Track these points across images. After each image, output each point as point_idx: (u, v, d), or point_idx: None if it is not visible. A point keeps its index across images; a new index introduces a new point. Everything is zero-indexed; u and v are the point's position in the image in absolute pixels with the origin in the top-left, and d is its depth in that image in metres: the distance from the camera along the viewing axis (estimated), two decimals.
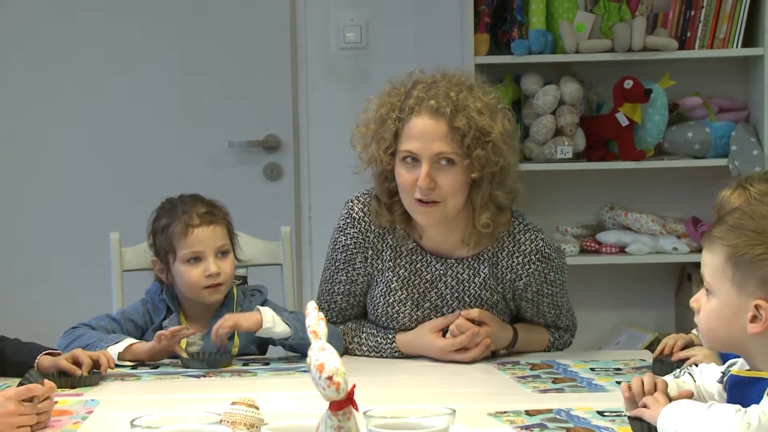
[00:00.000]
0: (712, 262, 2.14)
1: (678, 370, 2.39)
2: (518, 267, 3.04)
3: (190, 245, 3.07)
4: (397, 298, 3.10)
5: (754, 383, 2.14)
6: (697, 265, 4.36)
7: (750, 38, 4.43)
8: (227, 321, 2.98)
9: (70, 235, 4.66)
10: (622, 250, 4.52)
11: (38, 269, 4.71)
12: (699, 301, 2.19)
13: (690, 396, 2.23)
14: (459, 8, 4.46)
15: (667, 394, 2.20)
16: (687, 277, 4.57)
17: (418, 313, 3.10)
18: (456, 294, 3.07)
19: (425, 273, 3.09)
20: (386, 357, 3.09)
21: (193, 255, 3.07)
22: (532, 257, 3.04)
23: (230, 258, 3.13)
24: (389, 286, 3.10)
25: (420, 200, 2.94)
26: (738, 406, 2.04)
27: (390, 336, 3.09)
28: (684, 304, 4.62)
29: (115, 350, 2.97)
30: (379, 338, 3.11)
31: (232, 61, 4.68)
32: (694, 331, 2.74)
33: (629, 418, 2.25)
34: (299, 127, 4.72)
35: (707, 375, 2.33)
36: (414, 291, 3.09)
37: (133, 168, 4.69)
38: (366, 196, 3.12)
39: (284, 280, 3.56)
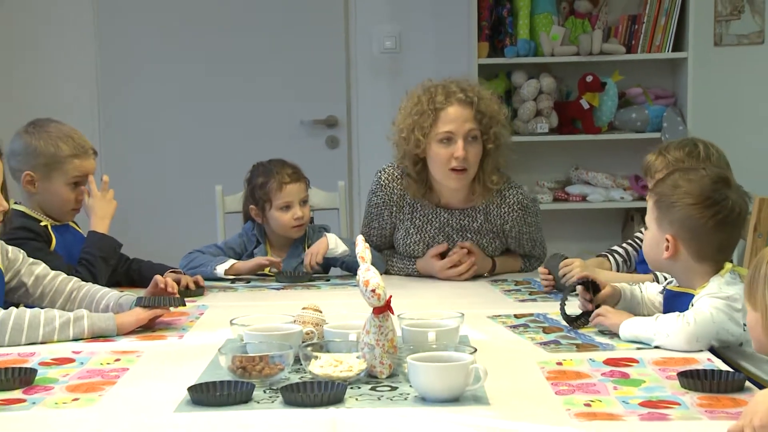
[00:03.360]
0: (648, 205, 2.19)
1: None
2: (505, 215, 3.01)
3: (283, 197, 3.05)
4: (413, 240, 3.07)
5: (683, 296, 2.14)
6: (638, 209, 4.40)
7: (678, 45, 4.36)
8: (314, 257, 2.98)
9: (189, 187, 4.65)
10: (584, 198, 4.48)
11: (168, 211, 4.71)
12: (645, 234, 2.22)
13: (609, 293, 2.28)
14: (466, 23, 4.42)
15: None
16: (630, 218, 4.53)
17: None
18: (459, 237, 3.04)
19: (435, 222, 3.05)
20: (410, 274, 3.08)
21: (285, 204, 3.06)
22: (515, 207, 3.00)
23: (308, 205, 3.13)
24: (408, 231, 3.07)
25: (454, 169, 2.91)
26: (678, 313, 2.04)
27: (411, 260, 3.08)
28: (628, 238, 4.58)
29: (222, 267, 2.99)
30: (405, 261, 3.10)
31: (303, 62, 4.64)
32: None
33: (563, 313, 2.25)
34: (351, 109, 4.69)
35: (651, 288, 2.33)
36: (426, 235, 3.06)
37: (233, 140, 4.66)
38: (390, 167, 3.08)
39: (340, 220, 3.55)
